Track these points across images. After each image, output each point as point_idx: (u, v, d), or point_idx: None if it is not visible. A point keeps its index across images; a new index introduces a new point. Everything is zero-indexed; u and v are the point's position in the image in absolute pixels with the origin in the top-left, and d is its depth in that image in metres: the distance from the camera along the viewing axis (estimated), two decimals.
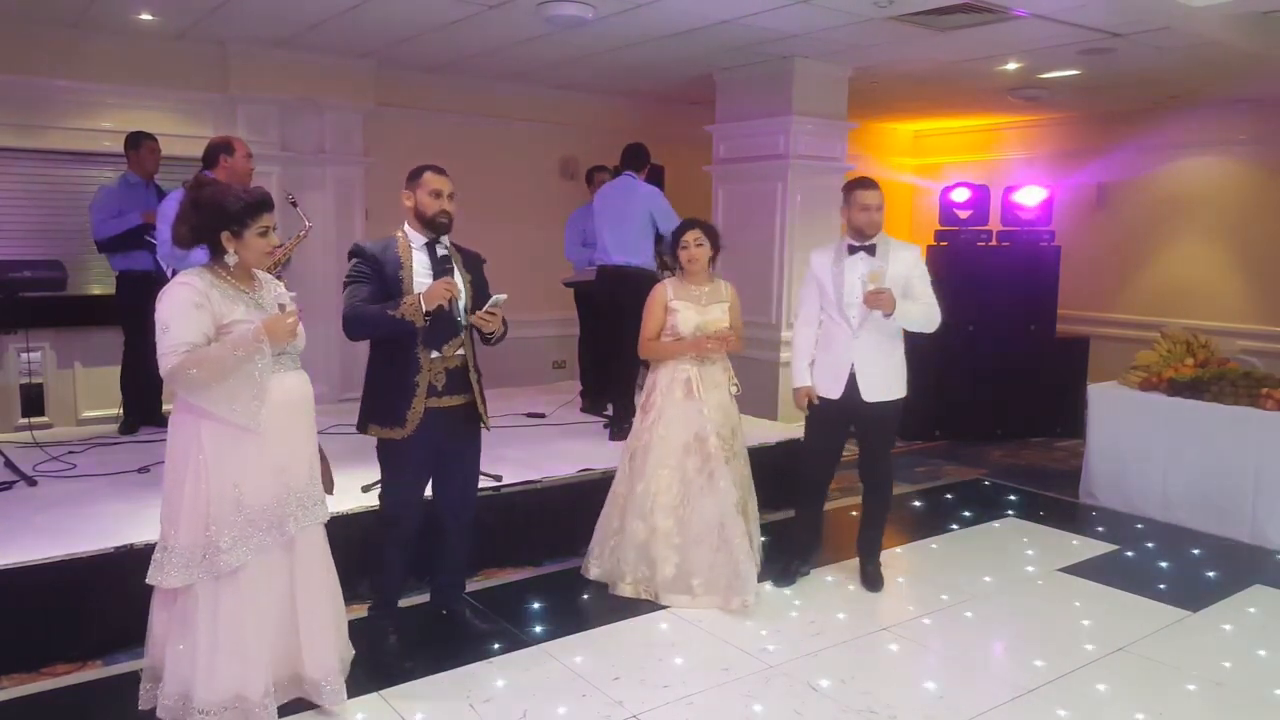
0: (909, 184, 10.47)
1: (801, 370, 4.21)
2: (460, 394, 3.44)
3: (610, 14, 5.43)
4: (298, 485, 2.90)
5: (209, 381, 2.71)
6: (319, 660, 2.96)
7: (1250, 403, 5.11)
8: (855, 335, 4.06)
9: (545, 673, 3.40)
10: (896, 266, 4.04)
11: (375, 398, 3.40)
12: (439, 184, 3.38)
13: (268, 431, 2.80)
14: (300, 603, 2.93)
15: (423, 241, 3.40)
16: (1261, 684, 3.45)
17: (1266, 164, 7.96)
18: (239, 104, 6.51)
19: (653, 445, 4.08)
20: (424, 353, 3.34)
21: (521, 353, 7.97)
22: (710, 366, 4.15)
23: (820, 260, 4.19)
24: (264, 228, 2.86)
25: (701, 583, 4.00)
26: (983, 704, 3.23)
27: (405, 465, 3.42)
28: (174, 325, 2.72)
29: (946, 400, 7.38)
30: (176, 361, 2.70)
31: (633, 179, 5.73)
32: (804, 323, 4.25)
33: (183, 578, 2.76)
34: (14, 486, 4.33)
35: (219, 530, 2.75)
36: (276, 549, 2.86)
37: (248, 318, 2.81)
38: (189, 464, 2.77)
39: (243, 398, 2.75)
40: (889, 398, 4.11)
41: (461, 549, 3.70)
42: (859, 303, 4.00)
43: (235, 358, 2.73)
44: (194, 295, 2.75)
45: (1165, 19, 5.26)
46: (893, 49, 6.26)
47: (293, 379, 2.93)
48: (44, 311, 5.78)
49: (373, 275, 3.31)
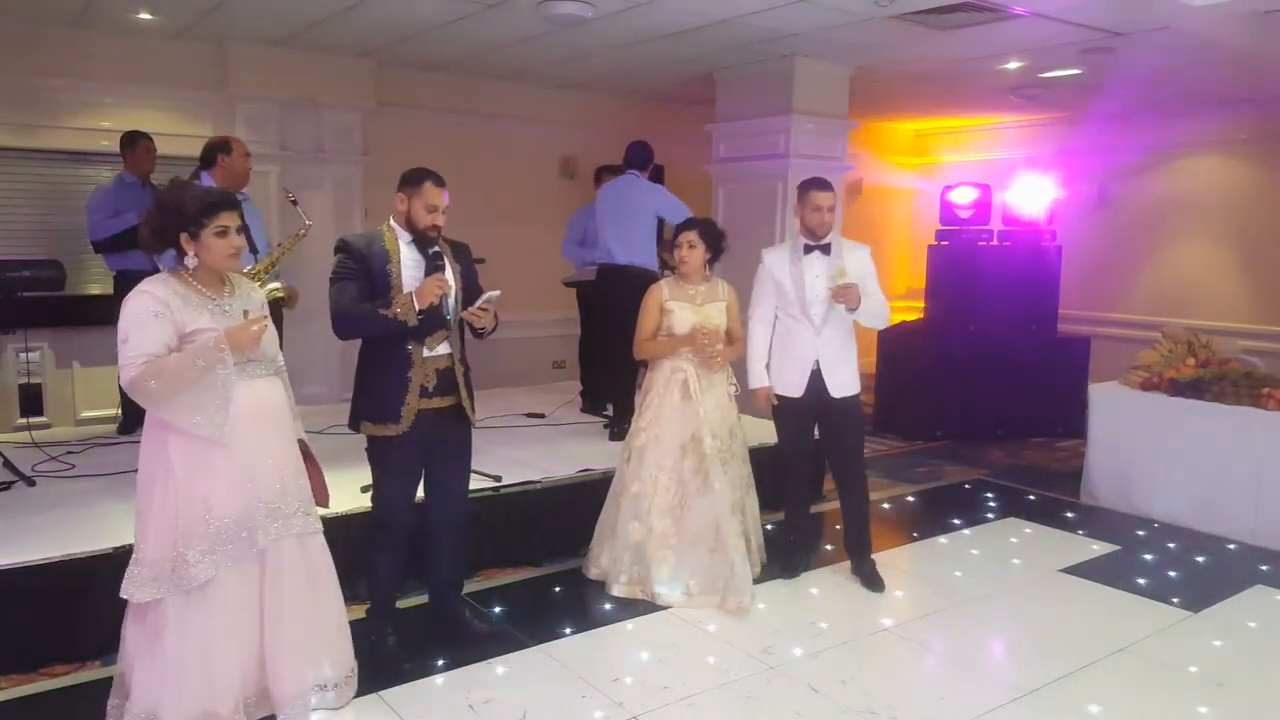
0: (909, 183, 10.47)
1: (759, 371, 4.24)
2: (449, 394, 3.42)
3: (610, 13, 5.42)
4: (267, 496, 2.80)
5: (169, 394, 2.63)
6: (286, 679, 2.86)
7: (1251, 403, 5.11)
8: (819, 333, 4.10)
9: (545, 673, 3.39)
10: (853, 266, 4.11)
11: (368, 394, 3.37)
12: (437, 198, 3.33)
13: (235, 442, 2.72)
14: (267, 619, 2.82)
15: (410, 238, 3.37)
16: (1262, 684, 3.44)
17: (1266, 164, 7.96)
18: (238, 103, 6.51)
19: (649, 446, 4.07)
20: (416, 348, 3.31)
21: (521, 353, 7.99)
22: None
23: (776, 260, 4.20)
24: (222, 228, 2.72)
25: (698, 583, 4.00)
26: (983, 704, 3.22)
27: (397, 464, 3.39)
28: (132, 336, 2.64)
29: (947, 400, 7.38)
30: (135, 374, 2.61)
31: (636, 177, 5.68)
32: (760, 322, 4.26)
33: (151, 591, 2.69)
34: (12, 487, 4.31)
35: (187, 543, 2.68)
36: (248, 561, 2.77)
37: (212, 325, 2.71)
38: (157, 476, 2.71)
39: (206, 409, 2.67)
40: (853, 393, 4.19)
41: (456, 549, 3.66)
42: (821, 300, 4.07)
43: (196, 368, 2.64)
44: (152, 304, 2.66)
45: (1165, 18, 5.25)
46: (893, 48, 6.25)
47: (263, 386, 2.84)
48: (42, 311, 5.78)
49: (360, 271, 3.28)
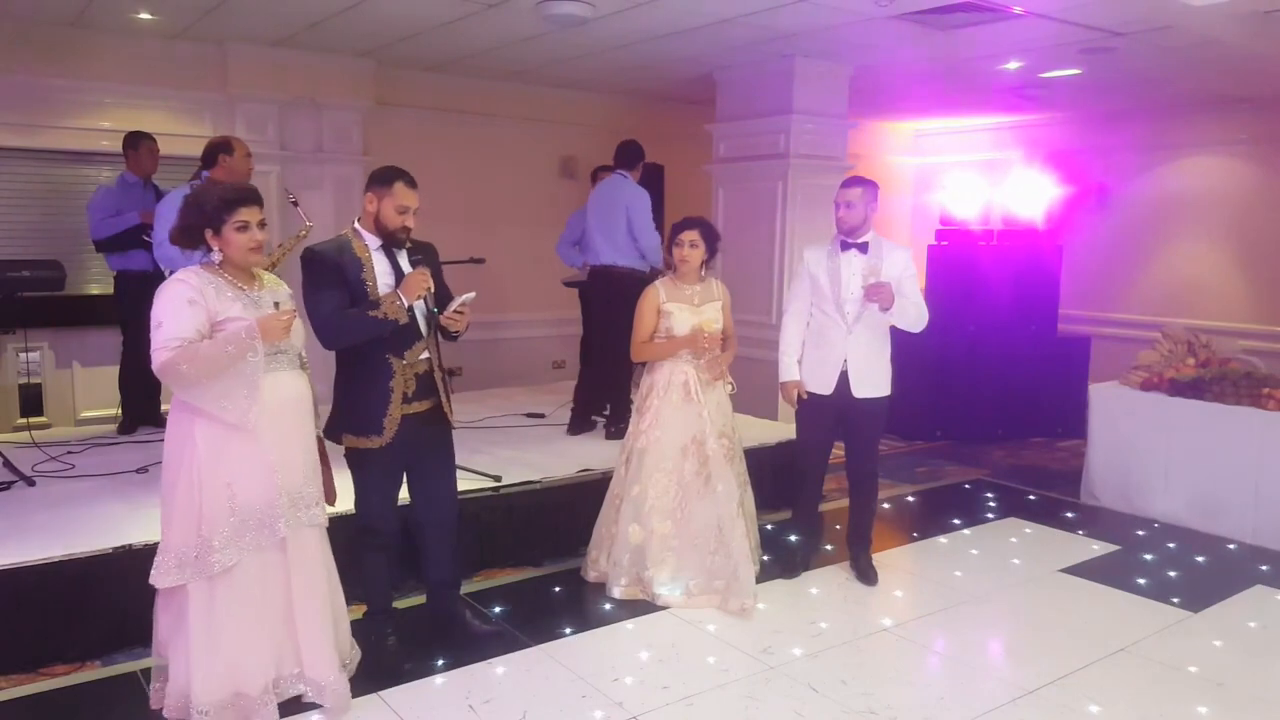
0: (910, 183, 10.47)
1: (790, 365, 4.23)
2: (429, 398, 3.40)
3: (609, 13, 5.41)
4: (291, 485, 2.87)
5: (200, 378, 2.69)
6: (319, 661, 2.95)
7: (1252, 403, 5.11)
8: (850, 331, 4.09)
9: (545, 673, 3.39)
10: (890, 267, 4.10)
11: (349, 407, 3.32)
12: (409, 200, 3.27)
13: (261, 430, 2.78)
14: (297, 604, 2.91)
15: (379, 243, 3.31)
16: (1262, 684, 3.44)
17: (1266, 164, 7.95)
18: (238, 103, 6.51)
19: (649, 448, 4.06)
20: (394, 357, 3.28)
21: (521, 353, 8.00)
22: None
23: (815, 256, 4.22)
24: (242, 222, 2.80)
25: (697, 584, 4.00)
26: (983, 704, 3.22)
27: (379, 472, 3.36)
28: (167, 321, 2.71)
29: (947, 400, 7.38)
30: (168, 356, 2.68)
31: (624, 178, 5.64)
32: (794, 317, 4.27)
33: (176, 577, 2.76)
34: (12, 487, 4.31)
35: (211, 530, 2.74)
36: (271, 548, 2.84)
37: (243, 315, 2.78)
38: (183, 462, 2.77)
39: (235, 395, 2.73)
40: (877, 394, 4.16)
41: (449, 550, 3.62)
42: (855, 298, 4.05)
43: (227, 354, 2.71)
44: (188, 291, 2.74)
45: (1166, 18, 5.25)
46: (893, 48, 6.25)
47: (288, 378, 2.91)
48: (42, 311, 5.77)
49: (336, 281, 3.21)
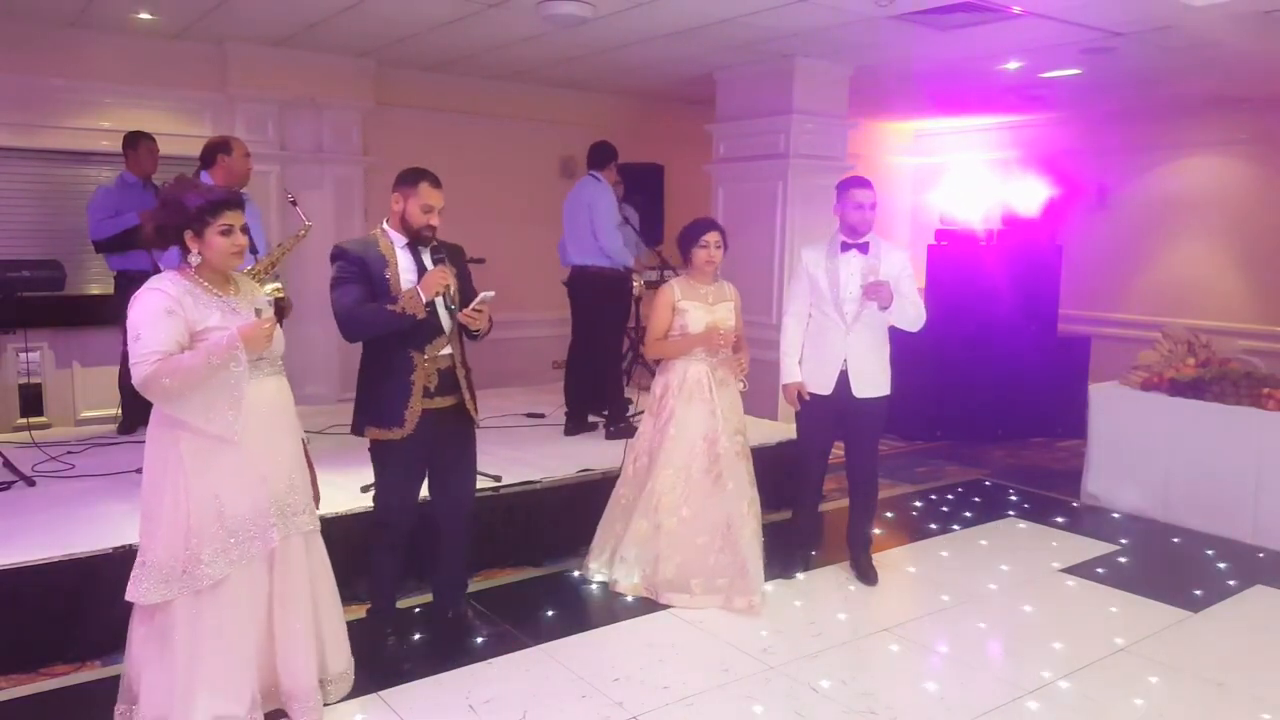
0: (909, 183, 10.46)
1: (791, 366, 4.23)
2: (451, 394, 3.43)
3: (610, 13, 5.41)
4: (278, 493, 2.82)
5: (183, 391, 2.62)
6: (295, 675, 2.88)
7: (1252, 403, 5.10)
8: (849, 331, 4.10)
9: (545, 673, 3.39)
10: (888, 267, 4.11)
11: (371, 400, 3.37)
12: (433, 199, 3.34)
13: (247, 440, 2.71)
14: (276, 616, 2.85)
15: (405, 241, 3.38)
16: (1262, 684, 3.44)
17: (1266, 164, 7.95)
18: (238, 103, 6.51)
19: (663, 446, 4.06)
20: (415, 352, 3.32)
21: (521, 353, 7.99)
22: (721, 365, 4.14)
23: (813, 256, 4.22)
24: (226, 226, 2.72)
25: (701, 583, 3.99)
26: (983, 704, 3.22)
27: (401, 466, 3.40)
28: (145, 333, 2.62)
29: (947, 400, 7.38)
30: (149, 370, 2.60)
31: (595, 179, 5.62)
32: (794, 317, 4.27)
33: (161, 593, 2.67)
34: (12, 487, 4.31)
35: (200, 543, 2.67)
36: (258, 560, 2.78)
37: (223, 324, 2.71)
38: (168, 476, 2.69)
39: (219, 407, 2.67)
40: (877, 394, 4.16)
41: (461, 549, 3.68)
42: (854, 298, 4.06)
43: (210, 365, 2.63)
44: (165, 301, 2.65)
45: (1166, 18, 5.25)
46: (893, 48, 6.25)
47: (271, 385, 2.85)
48: (42, 311, 5.78)
49: (360, 276, 3.28)
